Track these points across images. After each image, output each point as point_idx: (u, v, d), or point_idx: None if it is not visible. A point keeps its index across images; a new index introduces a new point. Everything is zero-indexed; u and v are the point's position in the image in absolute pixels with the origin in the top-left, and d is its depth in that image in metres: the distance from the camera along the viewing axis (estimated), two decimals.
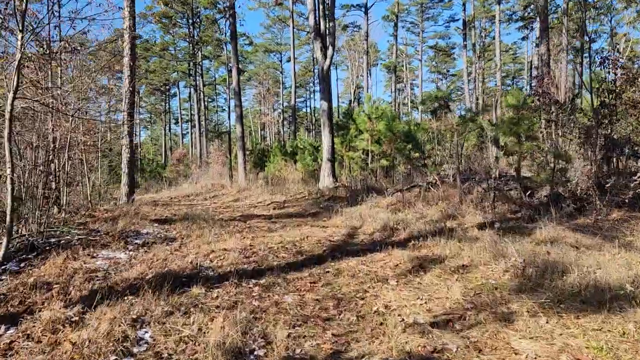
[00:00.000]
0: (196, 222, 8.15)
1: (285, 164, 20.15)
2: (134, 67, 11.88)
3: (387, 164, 13.30)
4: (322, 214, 9.75)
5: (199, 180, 25.58)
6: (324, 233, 7.35)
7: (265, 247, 6.27)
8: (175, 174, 33.48)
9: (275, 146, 22.00)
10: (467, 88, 33.24)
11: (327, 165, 13.99)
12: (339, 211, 9.67)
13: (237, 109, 21.42)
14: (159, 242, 6.63)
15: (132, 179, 11.83)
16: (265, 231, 7.67)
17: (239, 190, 18.95)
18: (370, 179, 13.24)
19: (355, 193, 11.87)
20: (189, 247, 6.34)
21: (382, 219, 7.80)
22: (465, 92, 33.62)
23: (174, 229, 7.67)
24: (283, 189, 16.01)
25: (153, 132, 61.33)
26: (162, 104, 51.13)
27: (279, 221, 9.05)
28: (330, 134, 14.01)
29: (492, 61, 44.90)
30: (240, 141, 20.91)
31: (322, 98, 14.12)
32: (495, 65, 46.26)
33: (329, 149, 13.98)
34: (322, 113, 14.11)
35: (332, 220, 8.95)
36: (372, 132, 13.32)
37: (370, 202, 10.43)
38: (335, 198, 11.93)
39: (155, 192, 27.96)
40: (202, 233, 7.05)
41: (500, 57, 29.96)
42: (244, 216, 9.96)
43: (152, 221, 8.50)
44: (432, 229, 6.71)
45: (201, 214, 9.66)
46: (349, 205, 10.59)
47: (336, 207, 10.32)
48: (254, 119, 54.23)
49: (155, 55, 38.23)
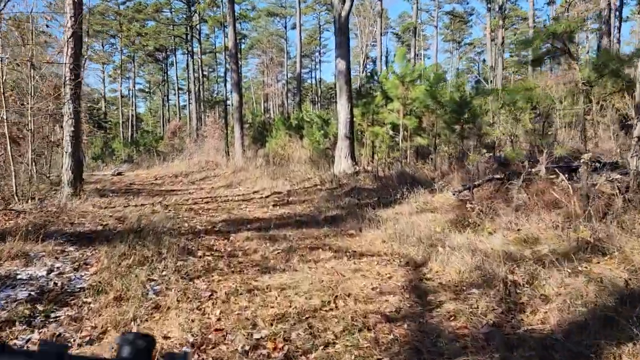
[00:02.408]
0: (142, 245, 4.65)
1: (289, 139, 16.56)
2: (81, 1, 8.20)
3: (425, 144, 9.74)
4: (346, 221, 6.25)
5: (193, 155, 22.04)
6: (362, 278, 3.87)
7: (246, 341, 2.75)
8: (170, 147, 29.92)
9: (278, 119, 18.37)
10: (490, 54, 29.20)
11: (344, 143, 10.43)
12: (372, 218, 6.18)
13: (233, 74, 17.71)
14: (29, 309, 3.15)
15: (79, 162, 8.31)
16: (255, 268, 4.17)
17: (235, 170, 15.43)
18: (402, 163, 9.70)
19: (387, 184, 8.35)
20: (88, 327, 2.88)
21: (463, 247, 4.30)
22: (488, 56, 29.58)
23: (92, 265, 4.18)
24: (287, 172, 12.49)
25: (152, 103, 57.45)
26: (161, 73, 47.17)
27: (280, 235, 5.57)
28: (348, 103, 10.39)
29: (510, 30, 40.51)
30: (237, 112, 17.29)
31: (339, 55, 10.44)
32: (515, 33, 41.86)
33: (346, 123, 10.39)
34: (339, 75, 10.46)
35: (366, 236, 5.47)
36: (404, 100, 9.71)
37: (414, 201, 6.92)
38: (359, 190, 8.40)
39: (146, 168, 24.59)
40: (129, 285, 3.51)
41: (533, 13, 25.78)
42: (228, 222, 6.46)
43: (71, 239, 5.01)
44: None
45: (164, 220, 6.16)
46: (382, 205, 7.08)
47: (365, 209, 6.82)
48: (256, 90, 50.24)
49: (150, 19, 34.13)
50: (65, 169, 8.02)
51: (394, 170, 9.37)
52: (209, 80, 48.67)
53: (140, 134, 35.70)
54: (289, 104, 47.76)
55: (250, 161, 16.66)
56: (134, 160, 29.22)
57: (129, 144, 33.34)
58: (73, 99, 7.96)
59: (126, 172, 22.65)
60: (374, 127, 10.23)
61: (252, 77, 52.00)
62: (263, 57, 46.65)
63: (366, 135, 11.07)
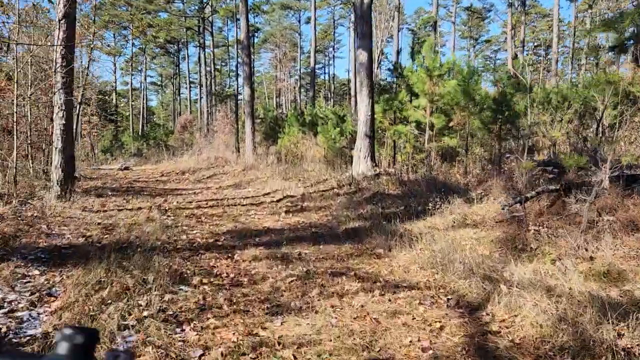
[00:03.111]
0: (124, 270, 3.73)
1: (302, 136, 15.59)
2: None
3: (453, 145, 8.71)
4: (371, 236, 5.27)
5: (203, 151, 21.18)
6: (405, 328, 2.89)
7: None
8: (180, 142, 29.16)
9: (291, 114, 17.40)
10: (510, 48, 27.92)
11: (364, 142, 9.43)
12: (402, 232, 5.20)
13: (245, 67, 16.76)
14: None
15: (70, 158, 7.42)
16: (263, 306, 3.20)
17: (245, 168, 14.53)
18: (428, 166, 8.69)
19: (414, 190, 7.36)
20: None
21: (531, 283, 3.31)
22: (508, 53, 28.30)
23: (57, 297, 3.26)
24: (300, 172, 11.55)
25: (165, 96, 56.81)
26: (172, 66, 46.49)
27: (294, 254, 4.62)
28: (369, 98, 9.39)
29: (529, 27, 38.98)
30: (248, 107, 16.36)
31: (361, 45, 9.43)
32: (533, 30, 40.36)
33: (367, 120, 9.39)
34: (359, 67, 9.44)
35: (397, 258, 4.49)
36: (432, 96, 8.69)
37: (448, 212, 5.93)
38: (382, 197, 7.41)
39: (155, 163, 23.89)
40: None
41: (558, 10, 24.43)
42: (233, 234, 5.52)
43: (42, 256, 4.10)
44: None
45: (158, 231, 5.24)
46: (411, 215, 6.10)
47: (392, 220, 5.85)
48: (269, 85, 49.32)
49: (162, 10, 33.30)
50: (55, 167, 7.14)
51: (420, 173, 8.38)
52: (221, 74, 47.86)
53: (151, 127, 35.00)
54: (301, 99, 46.83)
55: (261, 158, 15.75)
56: (143, 154, 28.51)
57: (138, 138, 32.64)
58: (64, 88, 7.07)
59: (134, 166, 21.86)
60: (397, 126, 9.21)
61: (265, 72, 51.11)
62: (276, 52, 45.68)
63: (387, 135, 10.06)
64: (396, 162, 9.86)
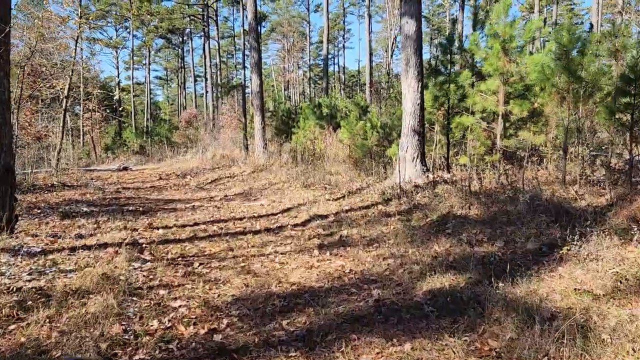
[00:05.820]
0: None
1: (321, 132, 13.20)
2: None
3: (540, 142, 6.28)
4: (483, 317, 2.90)
5: (208, 148, 18.88)
6: None
7: None
8: (185, 138, 26.88)
9: (306, 106, 14.96)
10: None
11: (411, 140, 7.02)
12: (538, 304, 2.82)
13: (253, 52, 14.33)
14: None
15: (7, 172, 5.05)
16: None
17: (255, 169, 12.19)
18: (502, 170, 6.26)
19: (507, 211, 4.94)
20: None
21: None
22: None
23: None
24: (323, 176, 9.17)
25: (170, 91, 54.49)
26: (177, 59, 44.14)
27: None
28: (417, 82, 6.95)
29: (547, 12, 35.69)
30: (257, 98, 13.96)
31: (406, 12, 6.97)
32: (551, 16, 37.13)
33: (414, 110, 6.97)
34: (405, 41, 7.00)
35: None
36: (507, 75, 6.25)
37: (591, 259, 3.54)
38: (458, 221, 5.00)
39: (157, 162, 21.68)
40: None
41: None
42: (242, 309, 3.14)
43: None
44: None
45: (108, 316, 2.93)
46: (526, 260, 3.71)
47: (502, 275, 3.47)
48: (276, 77, 46.80)
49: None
50: None
51: (493, 182, 5.97)
52: (227, 66, 45.46)
53: (155, 123, 32.71)
54: (310, 91, 44.38)
55: (273, 157, 13.38)
56: (146, 152, 26.25)
57: (141, 134, 30.37)
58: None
59: (134, 166, 19.61)
60: (460, 117, 6.77)
61: (272, 64, 48.63)
62: (284, 42, 43.16)
63: (435, 129, 7.64)
64: (450, 166, 7.46)
